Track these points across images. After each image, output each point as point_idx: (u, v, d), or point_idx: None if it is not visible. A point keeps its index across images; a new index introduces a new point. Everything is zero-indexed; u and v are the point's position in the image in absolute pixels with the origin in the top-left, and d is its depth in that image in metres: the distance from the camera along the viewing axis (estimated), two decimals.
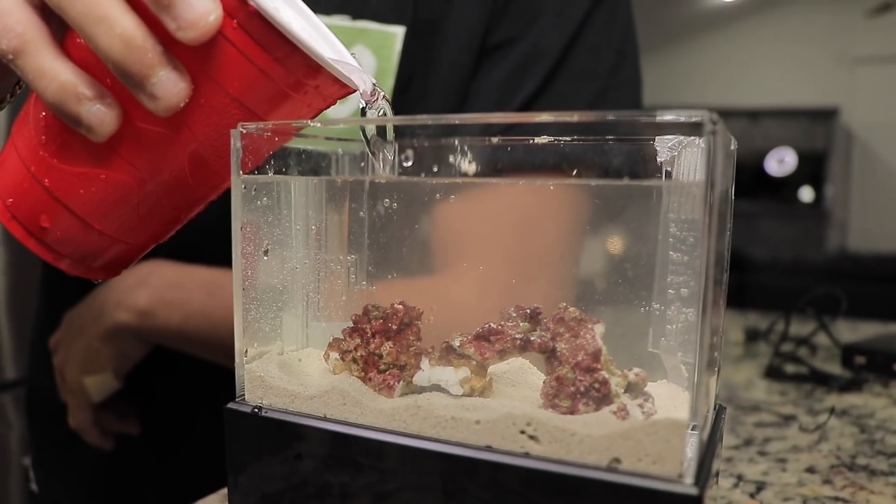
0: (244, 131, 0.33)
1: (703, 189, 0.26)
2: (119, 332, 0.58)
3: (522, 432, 0.29)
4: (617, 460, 0.27)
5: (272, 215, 0.36)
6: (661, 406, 0.30)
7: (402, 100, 0.59)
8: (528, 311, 0.32)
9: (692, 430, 0.28)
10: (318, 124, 0.33)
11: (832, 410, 0.65)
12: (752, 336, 0.95)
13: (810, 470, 0.52)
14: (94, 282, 0.39)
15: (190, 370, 0.62)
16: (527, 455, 0.28)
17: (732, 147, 0.32)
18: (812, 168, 4.85)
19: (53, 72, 0.30)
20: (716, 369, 0.34)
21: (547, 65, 0.59)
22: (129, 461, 0.69)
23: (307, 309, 0.38)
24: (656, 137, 0.36)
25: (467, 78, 0.60)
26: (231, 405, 0.34)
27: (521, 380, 0.34)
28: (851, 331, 1.02)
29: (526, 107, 0.58)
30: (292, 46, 0.30)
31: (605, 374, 0.30)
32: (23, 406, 1.23)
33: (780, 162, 4.99)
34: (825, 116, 4.73)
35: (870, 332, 1.02)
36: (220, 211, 0.37)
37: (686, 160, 0.35)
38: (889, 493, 0.48)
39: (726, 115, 4.97)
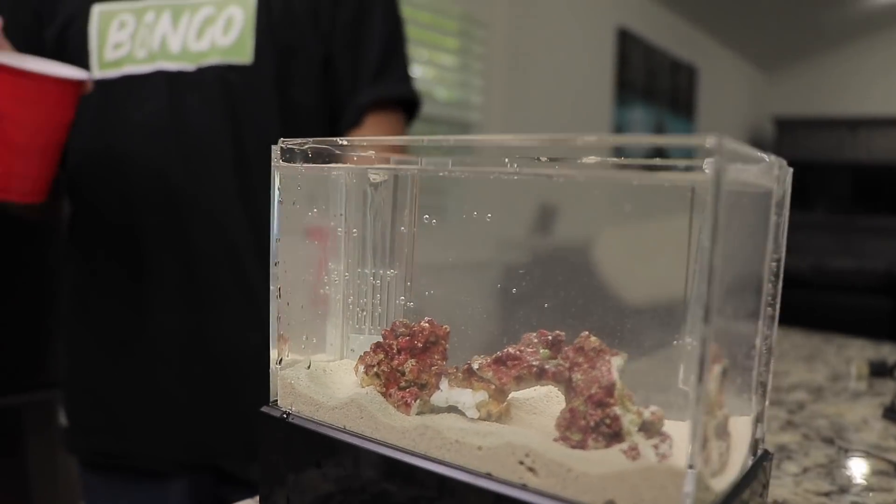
0: (284, 147, 0.35)
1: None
2: None
3: (521, 463, 0.28)
4: (612, 502, 0.25)
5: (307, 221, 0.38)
6: (680, 449, 0.28)
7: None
8: (550, 337, 0.31)
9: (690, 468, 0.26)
10: (345, 142, 0.34)
11: None
12: (879, 371, 0.86)
13: None
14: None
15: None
16: (524, 487, 0.27)
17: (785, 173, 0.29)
18: None
19: None
20: (757, 413, 0.31)
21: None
22: None
23: (344, 320, 0.39)
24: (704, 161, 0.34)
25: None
26: (265, 409, 0.36)
27: (544, 408, 0.33)
28: None
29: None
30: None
31: (617, 409, 0.28)
32: None
33: None
34: None
35: None
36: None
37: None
38: None
39: (889, 124, 4.56)
